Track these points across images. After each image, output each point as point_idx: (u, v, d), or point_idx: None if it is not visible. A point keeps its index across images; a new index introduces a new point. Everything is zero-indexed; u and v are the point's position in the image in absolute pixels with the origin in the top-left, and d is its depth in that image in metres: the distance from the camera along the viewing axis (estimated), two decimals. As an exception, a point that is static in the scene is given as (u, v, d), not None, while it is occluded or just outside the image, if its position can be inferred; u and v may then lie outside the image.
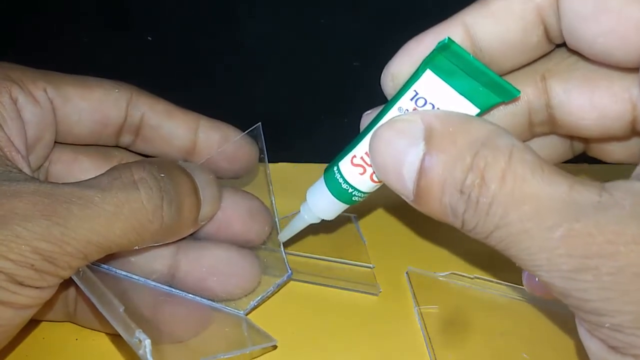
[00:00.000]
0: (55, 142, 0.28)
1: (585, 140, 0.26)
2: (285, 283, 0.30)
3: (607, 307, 0.18)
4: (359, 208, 0.38)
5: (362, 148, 0.24)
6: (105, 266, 0.27)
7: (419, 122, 0.20)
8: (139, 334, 0.21)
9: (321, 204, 0.26)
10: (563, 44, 0.22)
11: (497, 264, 0.33)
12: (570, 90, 0.23)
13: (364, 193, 0.25)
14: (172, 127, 0.29)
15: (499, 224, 0.19)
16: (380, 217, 0.37)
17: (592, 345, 0.19)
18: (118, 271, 0.27)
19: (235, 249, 0.29)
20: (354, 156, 0.24)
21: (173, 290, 0.28)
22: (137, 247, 0.24)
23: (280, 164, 0.41)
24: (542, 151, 0.26)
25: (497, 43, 0.22)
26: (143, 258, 0.27)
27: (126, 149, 0.30)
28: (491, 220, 0.19)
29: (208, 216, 0.28)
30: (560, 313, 0.30)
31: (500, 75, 0.23)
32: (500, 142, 0.19)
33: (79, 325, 0.28)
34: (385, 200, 0.39)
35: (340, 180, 0.25)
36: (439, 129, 0.20)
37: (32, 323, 0.29)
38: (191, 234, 0.28)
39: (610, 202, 0.17)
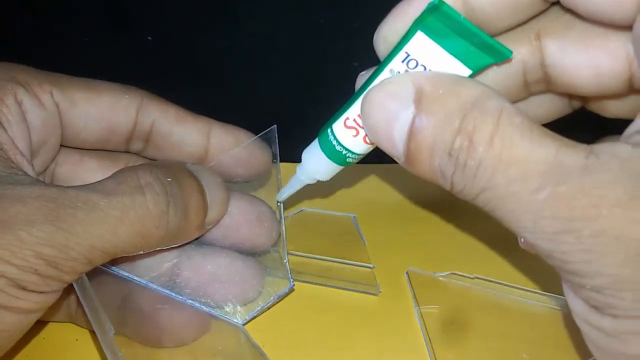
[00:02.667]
0: (61, 145, 0.27)
1: (583, 97, 0.25)
2: (286, 294, 0.30)
3: (588, 269, 0.18)
4: (359, 208, 0.38)
5: (354, 110, 0.24)
6: (108, 266, 0.27)
7: (409, 84, 0.20)
8: None
9: (316, 165, 0.26)
10: (558, 2, 0.22)
11: (497, 264, 0.33)
12: (565, 48, 0.23)
13: (357, 155, 0.25)
14: (184, 134, 0.29)
15: (486, 187, 0.19)
16: (380, 217, 0.37)
17: (574, 304, 0.20)
18: (120, 272, 0.27)
19: (239, 258, 0.29)
20: (347, 118, 0.24)
21: (173, 294, 0.28)
22: (142, 252, 0.24)
23: (280, 163, 0.41)
24: (540, 108, 0.26)
25: (490, 3, 0.22)
26: (146, 260, 0.27)
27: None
28: (478, 183, 0.19)
29: (215, 220, 0.27)
30: (560, 313, 0.30)
31: (495, 35, 0.23)
32: (489, 104, 0.19)
33: (80, 326, 0.28)
34: (385, 200, 0.39)
35: (334, 142, 0.25)
36: (428, 92, 0.20)
37: (33, 324, 0.29)
38: (197, 238, 0.28)
39: (596, 165, 0.18)
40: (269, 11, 0.40)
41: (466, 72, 0.22)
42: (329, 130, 0.25)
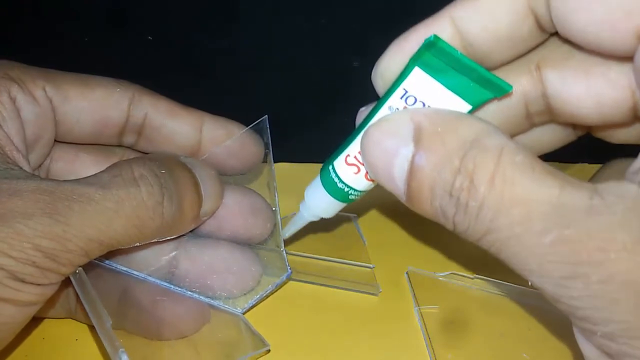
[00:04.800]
0: (55, 140, 0.28)
1: (587, 126, 0.25)
2: (284, 282, 0.30)
3: (598, 316, 0.17)
4: (359, 208, 0.38)
5: (355, 147, 0.24)
6: (106, 261, 0.27)
7: (408, 121, 0.20)
8: (122, 353, 0.22)
9: (319, 202, 0.26)
10: (556, 32, 0.22)
11: (497, 264, 0.33)
12: (566, 78, 0.22)
13: (360, 192, 0.25)
14: (176, 126, 0.29)
15: (490, 228, 0.18)
16: (380, 217, 0.37)
17: (587, 349, 0.19)
18: (118, 266, 0.27)
19: (236, 247, 0.29)
20: (348, 155, 0.24)
21: (172, 286, 0.28)
22: (138, 244, 0.24)
23: (280, 164, 0.41)
24: (544, 137, 0.26)
25: (487, 37, 0.22)
26: (143, 254, 0.27)
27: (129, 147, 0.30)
28: (481, 225, 0.18)
29: (209, 212, 0.28)
30: (561, 313, 0.30)
31: (495, 67, 0.23)
32: (489, 142, 0.19)
33: (80, 322, 0.29)
34: (385, 200, 0.39)
35: (336, 180, 0.25)
36: (427, 129, 0.20)
37: (32, 322, 0.29)
38: (193, 230, 0.28)
39: (601, 207, 0.17)
40: (269, 11, 0.40)
41: (466, 107, 0.21)
42: (330, 167, 0.25)
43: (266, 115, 0.29)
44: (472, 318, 0.30)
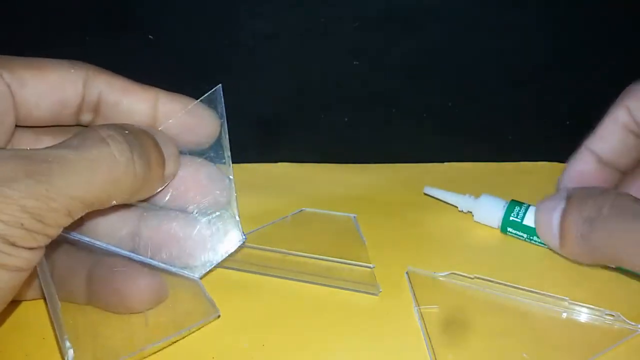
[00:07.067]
0: (15, 125, 0.28)
1: None
2: (238, 249, 0.30)
3: None
4: (359, 208, 0.38)
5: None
6: (73, 233, 0.28)
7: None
8: (65, 340, 0.23)
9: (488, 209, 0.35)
10: None
11: (497, 264, 0.33)
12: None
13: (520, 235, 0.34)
14: (131, 102, 0.29)
15: None
16: (380, 217, 0.37)
17: None
18: (84, 238, 0.28)
19: (194, 218, 0.30)
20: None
21: (133, 255, 0.29)
22: (115, 202, 0.25)
23: (280, 163, 0.41)
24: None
25: None
26: (107, 224, 0.29)
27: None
28: None
29: (171, 173, 0.28)
30: (560, 313, 0.30)
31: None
32: None
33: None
34: (385, 200, 0.39)
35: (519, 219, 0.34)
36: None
37: (32, 322, 0.29)
38: (151, 201, 0.29)
39: None
40: (269, 11, 0.40)
41: None
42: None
43: (220, 85, 0.29)
44: (472, 318, 0.30)
